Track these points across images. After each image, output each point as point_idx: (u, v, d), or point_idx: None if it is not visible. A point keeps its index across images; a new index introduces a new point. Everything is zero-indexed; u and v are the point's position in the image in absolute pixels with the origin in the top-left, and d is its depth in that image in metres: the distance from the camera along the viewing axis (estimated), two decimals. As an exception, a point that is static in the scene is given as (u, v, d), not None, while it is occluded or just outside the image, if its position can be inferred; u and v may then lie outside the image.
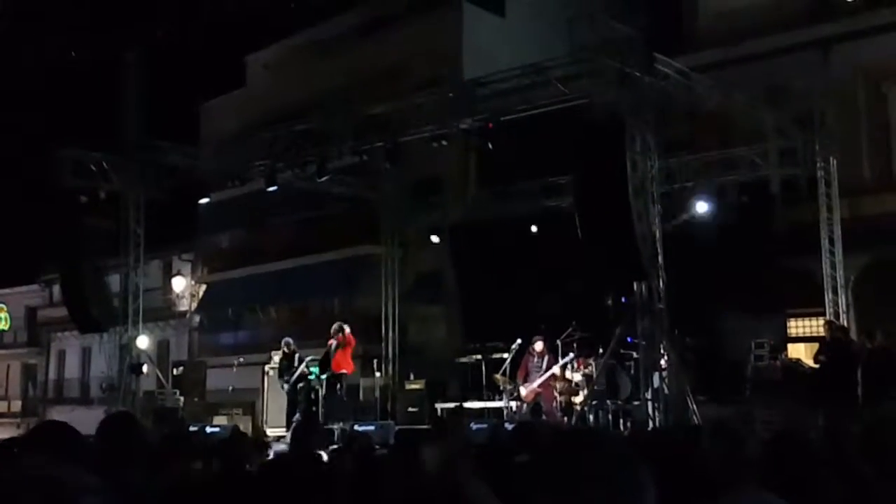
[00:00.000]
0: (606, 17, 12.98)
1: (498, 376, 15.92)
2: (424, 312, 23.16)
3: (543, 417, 14.56)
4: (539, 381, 15.00)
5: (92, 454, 3.64)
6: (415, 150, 16.20)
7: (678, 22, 21.30)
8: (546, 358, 15.08)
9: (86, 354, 37.87)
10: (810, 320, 18.07)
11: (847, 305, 16.53)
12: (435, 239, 20.95)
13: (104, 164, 17.66)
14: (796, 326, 18.82)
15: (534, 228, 18.63)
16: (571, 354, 15.14)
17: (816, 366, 14.11)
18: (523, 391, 15.18)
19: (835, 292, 16.28)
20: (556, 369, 15.00)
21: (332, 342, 16.51)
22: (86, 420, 4.20)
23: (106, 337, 18.88)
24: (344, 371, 16.77)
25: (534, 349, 15.25)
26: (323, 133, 16.17)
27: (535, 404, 15.00)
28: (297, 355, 17.35)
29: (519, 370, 15.47)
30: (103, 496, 1.83)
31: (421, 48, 24.59)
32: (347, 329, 16.67)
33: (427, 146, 15.51)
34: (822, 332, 14.98)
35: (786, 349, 16.84)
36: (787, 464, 3.94)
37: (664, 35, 18.13)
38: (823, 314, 16.17)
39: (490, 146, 15.11)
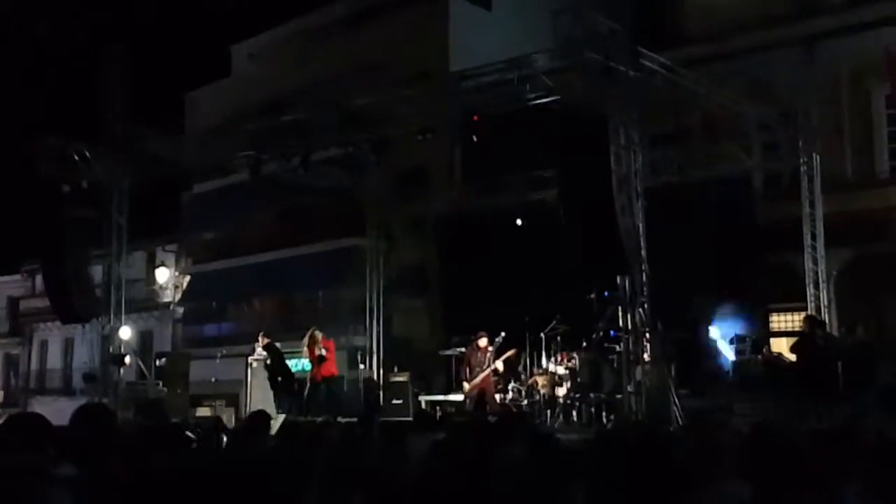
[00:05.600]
0: (592, 12, 12.97)
1: (481, 369, 15.98)
2: (409, 305, 23.15)
3: (487, 409, 14.72)
4: (481, 376, 15.19)
5: (67, 445, 3.64)
6: (400, 142, 16.18)
7: (663, 17, 21.34)
8: (489, 353, 15.25)
9: (68, 345, 37.70)
10: (792, 315, 18.18)
11: (829, 300, 16.65)
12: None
13: (87, 153, 17.53)
14: (778, 321, 18.94)
15: (518, 222, 18.64)
16: (514, 350, 15.38)
17: (794, 357, 14.21)
18: (466, 386, 15.39)
19: (816, 287, 16.40)
20: (498, 364, 15.24)
21: (312, 352, 16.58)
22: (68, 411, 4.18)
23: (88, 327, 18.78)
24: (330, 374, 16.92)
25: (477, 345, 15.41)
26: (308, 124, 16.10)
27: (479, 397, 15.13)
28: (276, 346, 17.51)
29: (462, 365, 15.66)
30: (75, 486, 1.83)
31: (407, 40, 24.54)
32: (320, 336, 16.68)
33: (412, 139, 15.48)
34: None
35: (768, 343, 16.94)
36: (766, 457, 3.97)
37: (649, 30, 18.20)
38: (805, 309, 16.28)
39: (475, 139, 15.12)
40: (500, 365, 15.28)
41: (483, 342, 15.36)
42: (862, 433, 5.13)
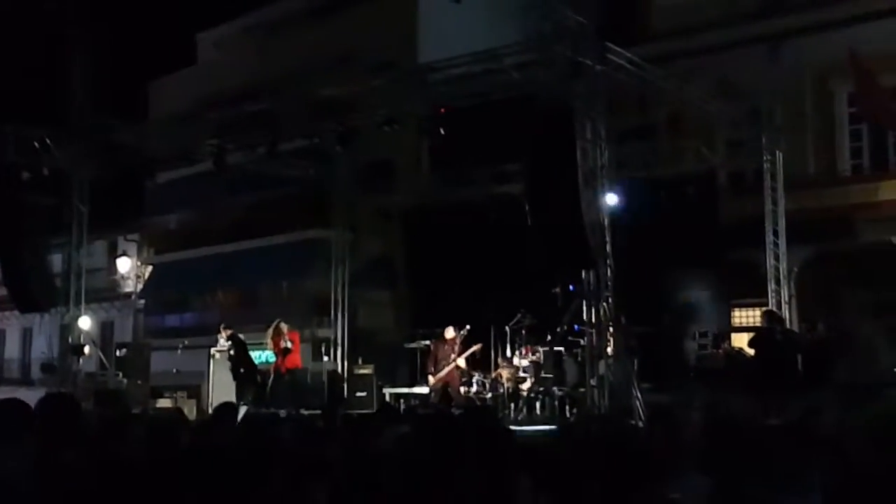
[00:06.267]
0: (560, 6, 12.98)
1: (446, 362, 15.99)
2: (374, 297, 23.09)
3: (452, 402, 14.79)
4: (447, 369, 15.21)
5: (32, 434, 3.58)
6: (367, 133, 16.11)
7: (631, 13, 21.43)
8: (456, 346, 15.27)
9: (27, 335, 37.12)
10: (754, 310, 18.39)
11: (789, 296, 16.87)
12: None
13: (48, 140, 17.25)
14: (739, 316, 19.16)
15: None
16: (479, 345, 15.45)
17: (752, 351, 14.38)
18: (431, 378, 15.41)
19: (778, 283, 16.60)
20: (460, 361, 15.25)
21: (277, 344, 16.55)
22: (26, 401, 4.11)
23: (47, 317, 18.51)
24: (294, 366, 16.90)
25: (444, 338, 15.41)
26: (274, 114, 15.98)
27: (444, 391, 15.17)
28: (240, 337, 17.43)
29: (428, 357, 15.67)
30: (31, 474, 1.79)
31: (375, 31, 24.40)
32: (286, 328, 16.71)
33: (379, 130, 15.43)
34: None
35: (729, 338, 17.13)
36: (726, 450, 4.00)
37: (617, 25, 18.23)
38: (766, 305, 16.47)
39: (442, 132, 15.08)
40: (461, 362, 15.31)
41: (449, 335, 15.37)
42: (820, 427, 5.19)
